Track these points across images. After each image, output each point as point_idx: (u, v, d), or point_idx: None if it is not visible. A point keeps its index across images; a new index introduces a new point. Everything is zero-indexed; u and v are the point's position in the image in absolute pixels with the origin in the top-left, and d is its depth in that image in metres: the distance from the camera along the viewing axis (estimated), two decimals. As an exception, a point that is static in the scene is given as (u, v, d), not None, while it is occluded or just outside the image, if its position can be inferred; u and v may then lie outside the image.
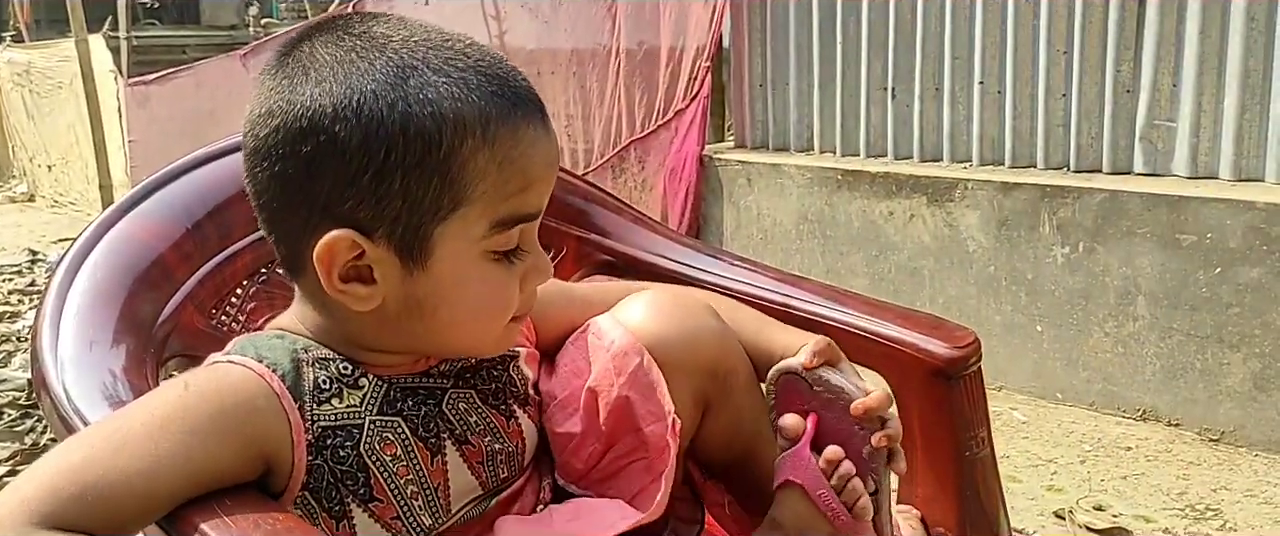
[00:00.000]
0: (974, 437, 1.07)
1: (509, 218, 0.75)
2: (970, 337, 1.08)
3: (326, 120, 0.72)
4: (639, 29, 3.84)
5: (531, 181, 0.75)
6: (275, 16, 10.27)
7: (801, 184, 3.31)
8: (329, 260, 0.75)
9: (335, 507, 0.77)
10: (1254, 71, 2.50)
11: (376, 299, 0.77)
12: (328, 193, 0.73)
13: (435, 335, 0.80)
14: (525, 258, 0.79)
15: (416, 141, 0.71)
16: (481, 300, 0.77)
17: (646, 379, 0.88)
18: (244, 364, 0.77)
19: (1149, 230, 2.54)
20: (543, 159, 0.76)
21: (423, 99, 0.71)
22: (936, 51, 3.08)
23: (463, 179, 0.73)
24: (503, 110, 0.73)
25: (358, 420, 0.78)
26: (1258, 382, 2.41)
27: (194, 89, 5.83)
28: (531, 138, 0.75)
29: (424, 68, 0.73)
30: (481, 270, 0.76)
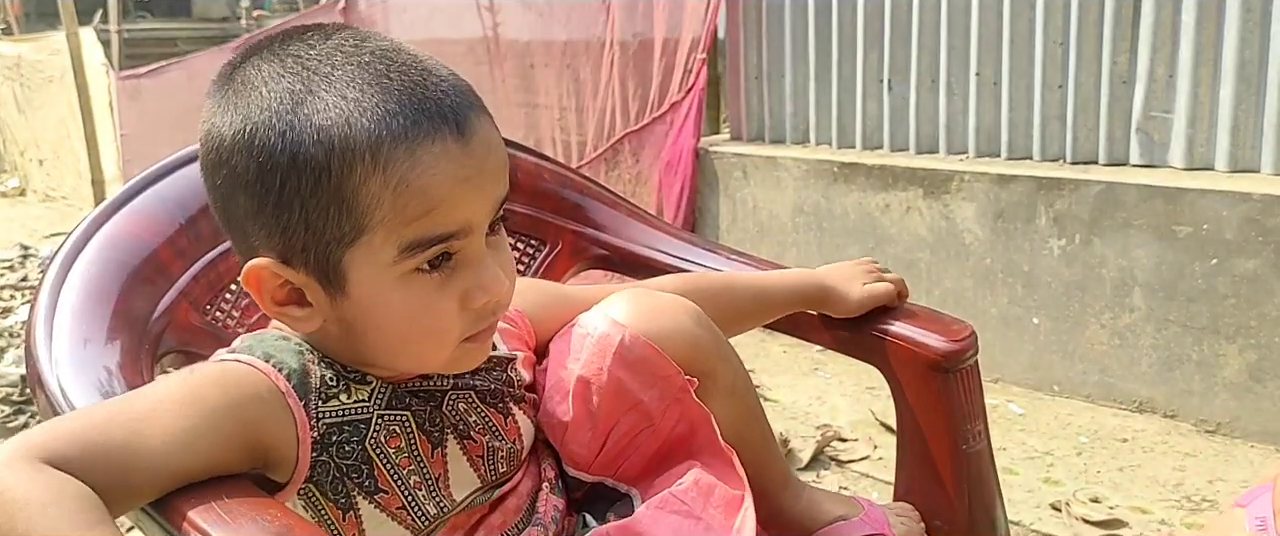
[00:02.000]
0: (971, 430, 1.07)
1: (416, 242, 0.72)
2: (967, 331, 1.08)
3: (226, 153, 0.73)
4: (633, 21, 3.83)
5: (435, 203, 0.71)
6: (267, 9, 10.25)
7: (797, 176, 3.31)
8: (257, 286, 0.76)
9: (341, 499, 0.78)
10: (1250, 63, 2.50)
11: (315, 320, 0.77)
12: (242, 221, 0.75)
13: (380, 355, 0.79)
14: (460, 274, 0.75)
15: (306, 171, 0.70)
16: (409, 323, 0.75)
17: (634, 355, 0.88)
18: (251, 363, 0.77)
19: (1145, 221, 2.54)
20: (450, 176, 0.71)
21: (312, 126, 0.70)
22: (933, 43, 3.08)
23: (358, 206, 0.71)
24: (398, 130, 0.70)
25: (365, 414, 0.79)
26: (1254, 374, 2.41)
27: (186, 82, 5.81)
28: (434, 155, 0.71)
29: (322, 91, 0.71)
30: (403, 293, 0.74)
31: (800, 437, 2.51)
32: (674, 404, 0.90)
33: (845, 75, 3.31)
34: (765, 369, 3.01)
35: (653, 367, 0.89)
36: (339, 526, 0.78)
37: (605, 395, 0.89)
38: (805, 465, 2.39)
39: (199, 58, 5.92)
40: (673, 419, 0.91)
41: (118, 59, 6.72)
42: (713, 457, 0.91)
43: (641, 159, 3.82)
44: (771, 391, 2.86)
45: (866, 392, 2.80)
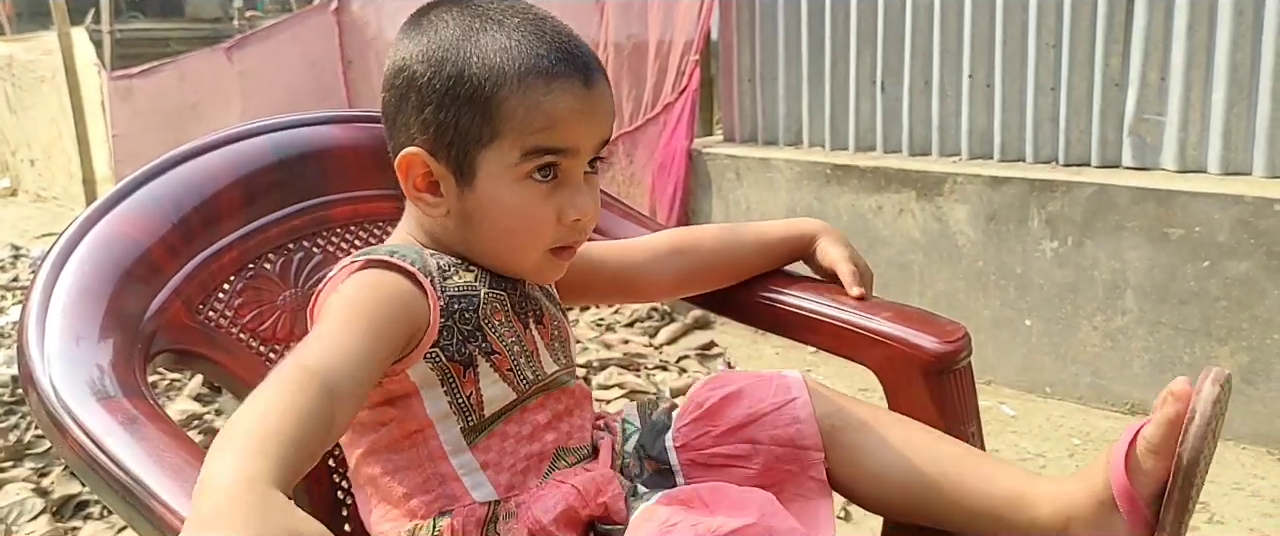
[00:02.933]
0: (964, 432, 1.07)
1: (535, 149, 0.90)
2: (960, 332, 1.08)
3: (409, 62, 0.92)
4: (627, 22, 3.83)
5: (555, 123, 0.90)
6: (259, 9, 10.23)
7: (790, 178, 3.31)
8: (406, 171, 0.94)
9: (463, 357, 0.92)
10: (1242, 66, 2.51)
11: (443, 208, 0.94)
12: (407, 119, 0.93)
13: (485, 246, 0.95)
14: (561, 191, 0.93)
15: (467, 84, 0.89)
16: (515, 217, 0.92)
17: (793, 412, 1.01)
18: (388, 262, 0.91)
19: (1137, 224, 2.55)
20: (568, 107, 0.90)
21: (479, 53, 0.90)
22: (925, 45, 3.08)
23: (499, 116, 0.90)
24: (542, 67, 0.89)
25: (474, 291, 0.95)
26: (1245, 376, 2.41)
27: (178, 82, 5.80)
28: (562, 90, 0.90)
29: (493, 30, 0.91)
30: (515, 192, 0.92)
31: (793, 439, 2.51)
32: (792, 468, 1.01)
33: (838, 77, 3.32)
34: (758, 370, 3.01)
35: (797, 441, 1.01)
36: (459, 381, 0.92)
37: (752, 432, 1.02)
38: (798, 466, 2.39)
39: (191, 58, 5.91)
40: (777, 475, 1.01)
41: (109, 59, 6.70)
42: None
43: (635, 160, 3.82)
44: (764, 393, 2.86)
45: (860, 394, 2.80)
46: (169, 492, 0.77)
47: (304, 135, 1.16)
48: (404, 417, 0.93)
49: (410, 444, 0.93)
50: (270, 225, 1.10)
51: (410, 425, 0.93)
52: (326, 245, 1.14)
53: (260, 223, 1.10)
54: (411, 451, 0.93)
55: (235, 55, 5.53)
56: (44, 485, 2.35)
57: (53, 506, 2.26)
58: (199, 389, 2.87)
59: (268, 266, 1.10)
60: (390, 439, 0.94)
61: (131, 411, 0.86)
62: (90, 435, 0.83)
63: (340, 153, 1.15)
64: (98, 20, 7.26)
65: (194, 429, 2.62)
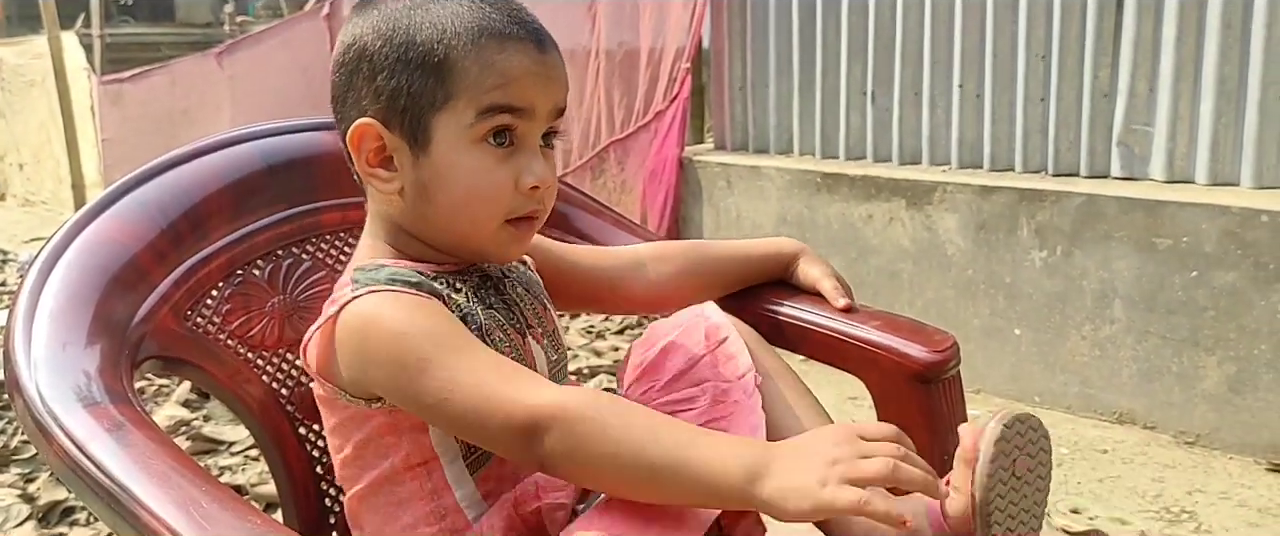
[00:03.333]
0: (953, 441, 1.07)
1: (490, 107, 0.89)
2: (949, 341, 1.08)
3: (359, 36, 0.92)
4: (619, 30, 3.84)
5: (510, 80, 0.90)
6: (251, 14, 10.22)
7: (781, 186, 3.32)
8: (358, 144, 0.93)
9: None
10: (1229, 77, 2.52)
11: (396, 184, 0.93)
12: (358, 92, 0.93)
13: (442, 219, 0.94)
14: (518, 157, 0.92)
15: (420, 48, 0.89)
16: (472, 182, 0.91)
17: (727, 351, 1.01)
18: (395, 290, 0.90)
19: (1126, 234, 2.56)
20: (523, 66, 0.90)
21: (430, 20, 0.90)
22: (916, 55, 3.09)
23: (453, 77, 0.89)
24: (494, 29, 0.90)
25: (473, 311, 0.94)
26: (1233, 386, 2.42)
27: (168, 87, 5.79)
28: (515, 50, 0.90)
29: (448, 5, 0.91)
30: (471, 155, 0.91)
31: (782, 447, 2.51)
32: (736, 397, 0.99)
33: (829, 86, 3.33)
34: (748, 378, 3.01)
35: (736, 365, 1.00)
36: None
37: (682, 365, 1.01)
38: (787, 475, 2.39)
39: (181, 63, 5.91)
40: (725, 411, 0.99)
41: (100, 63, 6.69)
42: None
43: (626, 167, 3.83)
44: (754, 401, 2.86)
45: (849, 402, 2.81)
46: (154, 499, 0.76)
47: (293, 142, 1.16)
48: (410, 451, 0.92)
49: (413, 477, 0.93)
50: (259, 231, 1.10)
51: (414, 458, 0.92)
52: (315, 252, 1.14)
53: (249, 229, 1.10)
54: (414, 484, 0.93)
55: (226, 60, 5.53)
56: (30, 491, 2.34)
57: (39, 512, 2.25)
58: (187, 395, 2.86)
59: (256, 273, 1.10)
60: (392, 471, 0.93)
61: (117, 417, 0.85)
62: (75, 441, 0.83)
63: (329, 159, 1.14)
64: (88, 24, 7.24)
65: (181, 435, 2.61)
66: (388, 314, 0.88)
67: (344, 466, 0.97)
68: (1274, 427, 2.37)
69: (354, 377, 0.90)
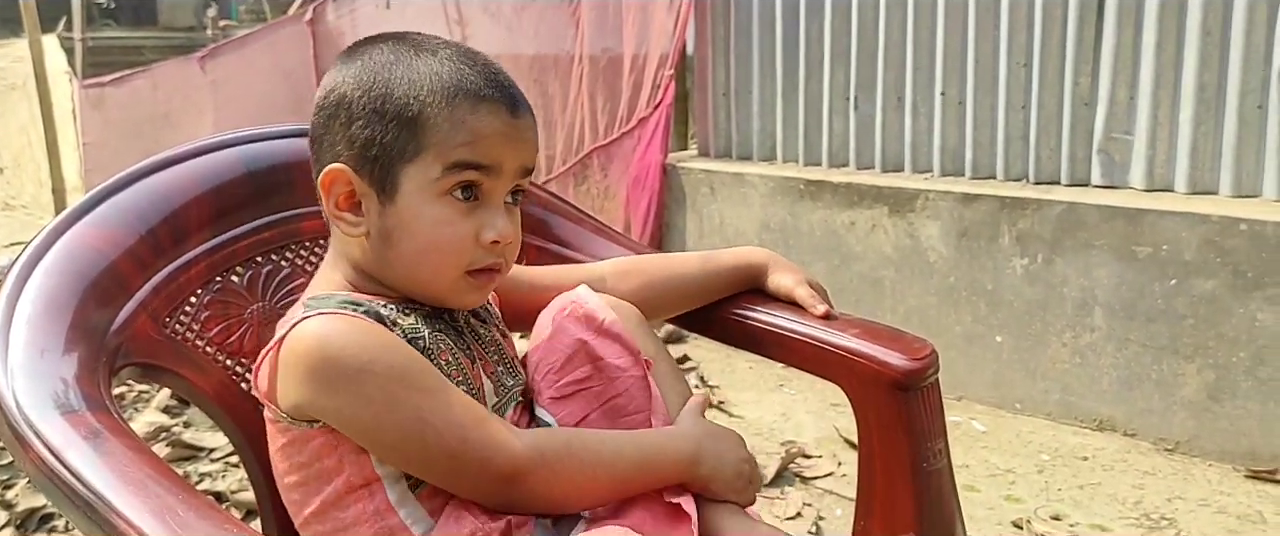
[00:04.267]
0: (931, 449, 1.08)
1: (458, 163, 0.93)
2: (928, 350, 1.08)
3: (340, 85, 0.96)
4: (603, 35, 3.84)
5: (478, 138, 0.93)
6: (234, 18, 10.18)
7: (764, 193, 3.33)
8: (328, 187, 0.96)
9: None
10: (1209, 86, 2.54)
11: (362, 228, 0.96)
12: (334, 137, 0.96)
13: (403, 266, 0.96)
14: (481, 211, 0.95)
15: (396, 101, 0.93)
16: (434, 232, 0.94)
17: (612, 330, 1.05)
18: (345, 314, 0.93)
19: (1106, 242, 2.57)
20: (493, 127, 0.93)
21: (408, 76, 0.93)
22: (898, 62, 3.10)
23: (424, 131, 0.92)
24: (470, 89, 0.93)
25: (420, 334, 0.97)
26: (1212, 393, 2.44)
27: (150, 91, 5.77)
28: (487, 110, 0.93)
29: (427, 57, 0.95)
30: (435, 207, 0.94)
31: (765, 454, 2.52)
32: (630, 375, 1.05)
33: (812, 93, 3.34)
34: (731, 385, 3.02)
35: (626, 343, 1.05)
36: None
37: (574, 347, 1.05)
38: (770, 481, 2.40)
39: (164, 67, 5.88)
40: (622, 387, 1.04)
41: (81, 67, 6.65)
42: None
43: (610, 174, 3.83)
44: (736, 407, 2.86)
45: (831, 409, 2.81)
46: (131, 507, 0.76)
47: (274, 148, 1.16)
48: (352, 473, 0.93)
49: (356, 499, 0.93)
50: (239, 238, 1.10)
51: (356, 480, 0.93)
52: (295, 258, 1.14)
53: (229, 235, 1.10)
54: (358, 506, 0.93)
55: (208, 65, 5.51)
56: (8, 498, 2.32)
57: (16, 519, 2.24)
58: (167, 401, 2.84)
59: (236, 279, 1.09)
60: (336, 495, 0.93)
61: (95, 425, 0.85)
62: (52, 449, 0.82)
63: (310, 166, 1.14)
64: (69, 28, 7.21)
65: (161, 442, 2.60)
66: (345, 343, 0.89)
67: (289, 491, 0.97)
68: (1252, 435, 2.39)
69: (298, 401, 0.90)
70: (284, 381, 0.91)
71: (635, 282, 1.17)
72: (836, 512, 2.27)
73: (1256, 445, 2.39)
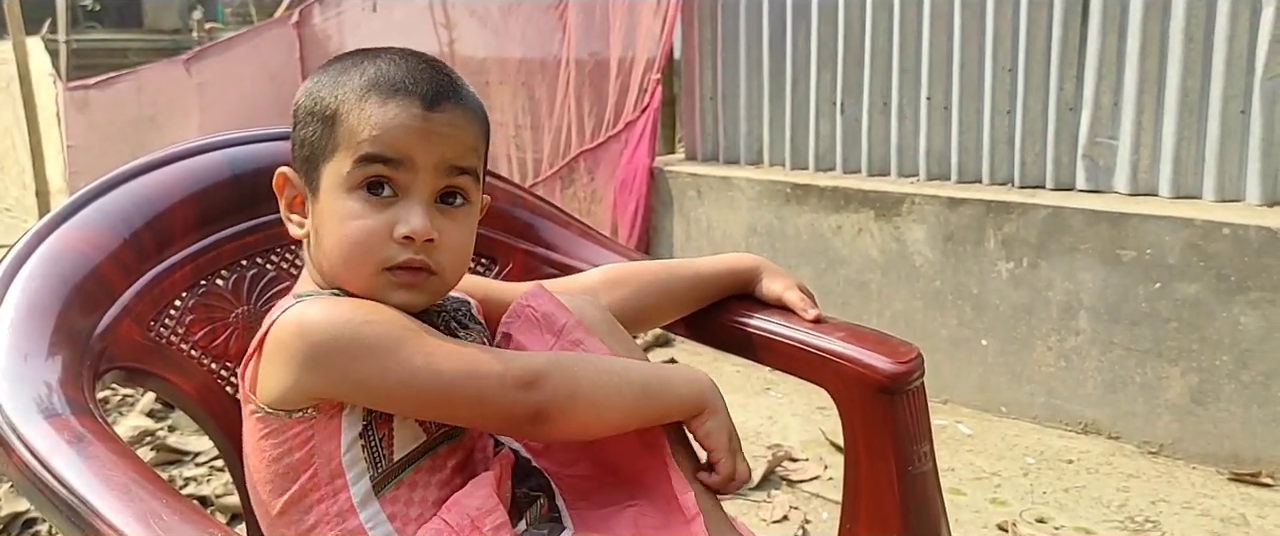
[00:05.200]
0: (917, 452, 1.08)
1: (364, 156, 0.93)
2: (913, 353, 1.08)
3: (301, 93, 0.99)
4: (590, 39, 3.84)
5: (385, 132, 0.93)
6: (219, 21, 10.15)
7: (751, 196, 3.33)
8: (280, 188, 1.00)
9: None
10: (1192, 91, 2.55)
11: (305, 228, 0.99)
12: (289, 145, 1.00)
13: (328, 264, 0.97)
14: (394, 206, 0.94)
15: (322, 102, 0.96)
16: (343, 228, 0.94)
17: (573, 335, 1.02)
18: (336, 296, 0.96)
19: (1091, 246, 2.58)
20: (404, 123, 0.93)
21: (344, 77, 0.96)
22: (884, 66, 3.11)
23: (338, 128, 0.94)
24: (384, 87, 0.94)
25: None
26: (1195, 396, 2.45)
27: (135, 94, 5.75)
28: (400, 107, 0.93)
29: (368, 63, 0.96)
30: (347, 202, 0.94)
31: (751, 457, 2.50)
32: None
33: (799, 97, 3.34)
34: (717, 388, 3.02)
35: (586, 349, 1.02)
36: (376, 419, 0.93)
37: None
38: (756, 484, 2.40)
39: (149, 69, 5.86)
40: None
41: (65, 69, 6.62)
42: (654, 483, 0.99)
43: (597, 177, 3.83)
44: (723, 411, 2.86)
45: (817, 412, 2.82)
46: (114, 511, 0.75)
47: (260, 151, 1.15)
48: (320, 465, 0.92)
49: (319, 499, 0.93)
50: (224, 241, 1.10)
51: (323, 475, 0.93)
52: (280, 262, 1.14)
53: (214, 238, 1.09)
54: (320, 507, 0.93)
55: (194, 67, 5.49)
56: (-10, 502, 2.31)
57: (0, 524, 2.22)
58: (151, 405, 2.83)
59: (220, 283, 1.09)
60: (301, 493, 0.93)
61: (78, 429, 0.84)
62: (35, 453, 0.82)
63: (296, 169, 1.14)
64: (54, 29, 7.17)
65: (145, 445, 2.59)
66: (336, 312, 0.91)
67: (257, 491, 0.97)
68: (1236, 438, 2.40)
69: (287, 386, 0.90)
70: (271, 367, 0.91)
71: (626, 291, 1.16)
72: (823, 516, 2.27)
73: (1240, 448, 2.40)
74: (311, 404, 0.91)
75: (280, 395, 0.91)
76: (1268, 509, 2.26)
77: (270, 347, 0.91)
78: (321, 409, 0.91)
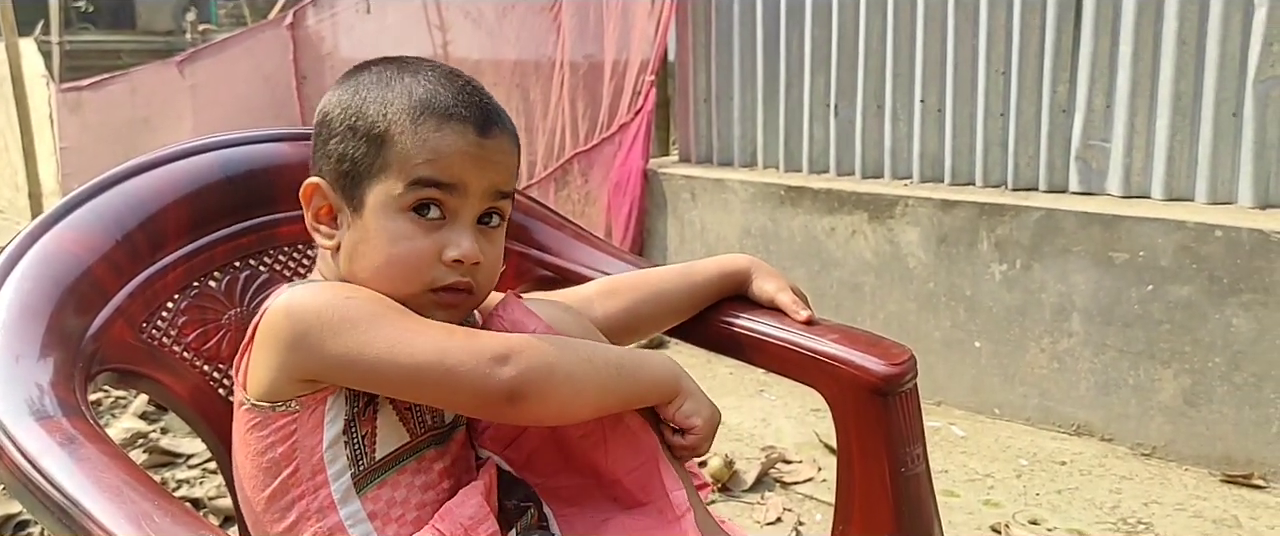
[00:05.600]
0: (910, 454, 1.08)
1: (418, 180, 0.93)
2: (906, 355, 1.09)
3: (331, 105, 0.99)
4: (584, 42, 3.84)
5: (440, 157, 0.93)
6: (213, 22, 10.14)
7: (745, 199, 3.33)
8: (307, 199, 0.99)
9: (367, 395, 0.94)
10: (1184, 94, 2.56)
11: (335, 240, 0.98)
12: (319, 153, 0.99)
13: (370, 281, 0.96)
14: (443, 229, 0.95)
15: (368, 119, 0.95)
16: (393, 248, 0.94)
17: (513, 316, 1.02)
18: (325, 282, 0.98)
19: (1084, 248, 2.59)
20: (457, 146, 0.94)
21: (388, 93, 0.95)
22: (878, 69, 3.12)
23: (389, 148, 0.94)
24: (437, 107, 0.94)
25: None
26: (1188, 398, 2.46)
27: (129, 96, 5.73)
28: (452, 129, 0.94)
29: (408, 77, 0.96)
30: (396, 223, 0.94)
31: (745, 459, 2.52)
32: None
33: (793, 100, 3.35)
34: (711, 390, 2.99)
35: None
36: (360, 416, 0.94)
37: None
38: (750, 486, 2.40)
39: (142, 71, 5.84)
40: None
41: (59, 71, 6.60)
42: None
43: (591, 179, 3.83)
44: (717, 413, 2.86)
45: (811, 414, 2.82)
46: (106, 513, 0.75)
47: (253, 152, 1.15)
48: (302, 460, 0.93)
49: (300, 496, 0.93)
50: (217, 243, 1.09)
51: (304, 471, 0.93)
52: (274, 264, 1.13)
53: (207, 240, 1.09)
54: (302, 502, 0.93)
55: (187, 69, 5.47)
56: (-18, 505, 2.30)
57: (-9, 526, 2.22)
58: (144, 407, 2.82)
59: (213, 284, 1.09)
60: (282, 488, 0.94)
61: (70, 431, 0.84)
62: (27, 455, 0.81)
63: (289, 170, 1.14)
64: (47, 31, 7.16)
65: (138, 447, 2.58)
66: (325, 289, 0.93)
67: (241, 489, 0.97)
68: (1228, 439, 2.41)
69: (276, 371, 0.91)
70: (261, 354, 0.92)
71: (622, 301, 1.17)
72: (816, 518, 2.27)
73: (1232, 449, 2.41)
74: (297, 394, 0.92)
75: (269, 383, 0.92)
76: (1259, 510, 2.26)
77: (261, 335, 0.92)
78: (305, 403, 0.92)
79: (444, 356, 0.88)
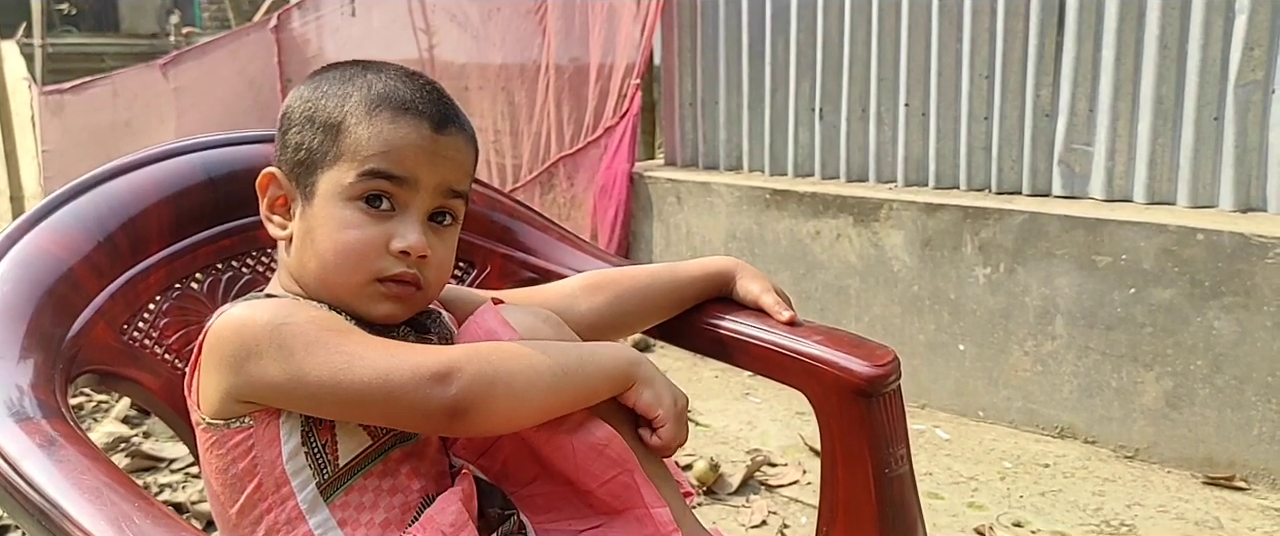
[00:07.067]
0: (893, 455, 1.08)
1: (369, 171, 0.94)
2: (890, 356, 1.09)
3: (293, 99, 1.00)
4: (569, 45, 3.84)
5: (392, 150, 0.94)
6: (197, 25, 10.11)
7: (730, 202, 3.34)
8: (263, 188, 0.99)
9: None
10: (1166, 98, 2.57)
11: (288, 230, 0.99)
12: (278, 146, 1.00)
13: (315, 267, 0.96)
14: (392, 220, 0.95)
15: (325, 110, 0.97)
16: (341, 235, 0.95)
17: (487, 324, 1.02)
18: (268, 296, 0.98)
19: (1067, 251, 2.60)
20: (409, 139, 0.95)
21: (347, 88, 0.97)
22: (863, 73, 3.13)
23: (343, 138, 0.95)
24: (395, 104, 0.95)
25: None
26: (1170, 401, 2.47)
27: (111, 99, 5.71)
28: (409, 126, 0.95)
29: (371, 75, 0.98)
30: (346, 211, 0.95)
31: (730, 462, 2.52)
32: None
33: (778, 103, 3.35)
34: (696, 394, 3.02)
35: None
36: (317, 428, 0.92)
37: None
38: (735, 489, 2.40)
39: (125, 74, 5.82)
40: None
41: (41, 74, 6.57)
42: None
43: (576, 182, 3.83)
44: (702, 416, 2.86)
45: (796, 417, 2.82)
46: (86, 516, 0.75)
47: (235, 154, 1.15)
48: (263, 477, 0.92)
49: (268, 509, 0.92)
50: (199, 245, 1.09)
51: (268, 486, 0.92)
52: (257, 265, 1.13)
53: (188, 242, 1.09)
54: (270, 516, 0.92)
55: (171, 72, 5.46)
56: (-38, 509, 2.29)
57: (-29, 531, 2.20)
58: (126, 411, 2.81)
59: (195, 286, 1.08)
60: (249, 503, 0.93)
61: (50, 433, 0.84)
62: (6, 457, 0.81)
63: (272, 172, 1.13)
64: (30, 34, 7.12)
65: (120, 452, 2.57)
66: (260, 311, 0.91)
67: (214, 502, 0.96)
68: (1210, 442, 2.42)
69: (223, 390, 0.90)
70: (207, 374, 0.91)
71: (605, 298, 1.17)
72: (802, 520, 2.27)
73: (1213, 452, 2.42)
74: (246, 412, 0.91)
75: (218, 402, 0.91)
76: (1241, 512, 2.27)
77: (205, 356, 0.92)
78: (258, 418, 0.91)
79: (386, 379, 0.86)
